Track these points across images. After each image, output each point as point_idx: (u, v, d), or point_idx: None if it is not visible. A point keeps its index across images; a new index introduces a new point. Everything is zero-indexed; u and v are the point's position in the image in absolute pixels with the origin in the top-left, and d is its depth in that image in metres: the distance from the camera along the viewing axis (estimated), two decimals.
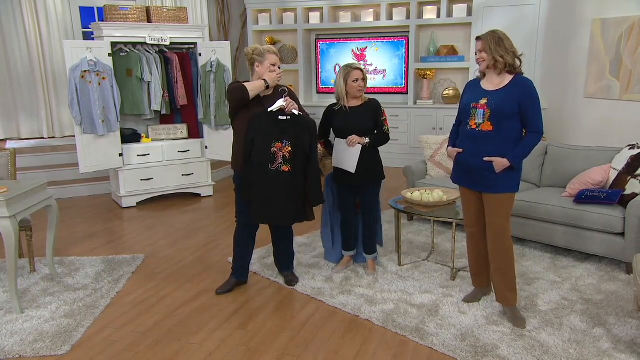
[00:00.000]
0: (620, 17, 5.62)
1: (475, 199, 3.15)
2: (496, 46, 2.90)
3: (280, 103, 3.30)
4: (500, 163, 2.92)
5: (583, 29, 6.07)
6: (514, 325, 3.06)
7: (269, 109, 3.29)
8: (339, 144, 3.64)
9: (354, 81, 3.56)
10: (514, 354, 2.77)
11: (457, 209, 3.84)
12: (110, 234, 4.95)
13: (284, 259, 3.78)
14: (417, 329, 3.05)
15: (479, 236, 3.23)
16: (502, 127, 2.92)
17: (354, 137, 3.53)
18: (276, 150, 3.32)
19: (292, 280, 3.71)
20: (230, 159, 3.59)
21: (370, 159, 3.63)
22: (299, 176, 3.38)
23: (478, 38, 2.99)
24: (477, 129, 2.97)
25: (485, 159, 2.95)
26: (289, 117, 3.32)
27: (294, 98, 3.48)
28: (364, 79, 3.58)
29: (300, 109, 3.45)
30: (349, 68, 3.59)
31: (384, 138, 3.65)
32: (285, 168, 3.33)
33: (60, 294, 3.60)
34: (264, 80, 3.34)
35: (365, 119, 3.60)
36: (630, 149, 4.03)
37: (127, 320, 3.26)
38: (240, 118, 3.39)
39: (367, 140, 3.55)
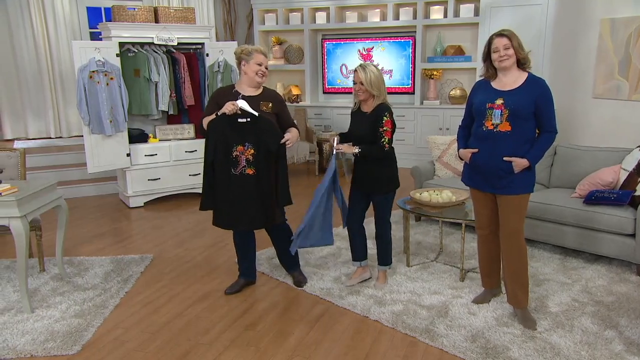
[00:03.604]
0: (629, 17, 5.59)
1: (488, 201, 3.12)
2: (521, 45, 2.90)
3: (240, 103, 3.22)
4: (520, 163, 2.90)
5: (591, 29, 6.04)
6: (525, 327, 3.04)
7: (224, 112, 3.22)
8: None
9: (354, 83, 3.39)
10: (525, 356, 2.76)
11: (466, 210, 3.82)
12: (118, 233, 4.96)
13: (287, 259, 3.75)
14: (427, 330, 3.04)
15: (491, 238, 3.21)
16: (520, 127, 2.90)
17: (342, 146, 3.38)
18: (238, 153, 3.26)
19: (300, 280, 3.70)
20: None
21: (379, 168, 3.41)
22: (265, 178, 3.31)
23: (501, 35, 2.90)
24: (494, 130, 2.94)
25: (505, 158, 2.92)
26: (248, 119, 3.24)
27: (277, 100, 3.46)
28: (362, 83, 3.30)
29: (279, 109, 3.45)
30: (355, 68, 3.40)
31: (377, 151, 3.33)
32: (250, 171, 3.28)
33: (70, 294, 3.61)
34: (216, 113, 3.28)
35: (368, 127, 3.36)
36: None
37: (136, 320, 3.26)
38: None
39: (356, 150, 3.34)
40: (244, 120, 3.24)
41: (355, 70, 3.35)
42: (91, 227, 5.13)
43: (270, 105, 3.40)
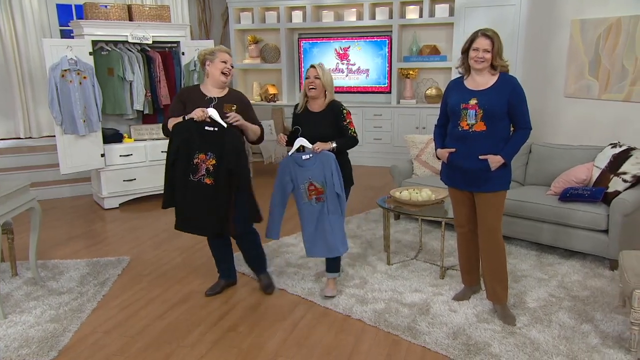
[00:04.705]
0: (598, 18, 5.73)
1: (466, 199, 3.17)
2: (501, 50, 2.92)
3: (210, 111, 3.15)
4: (495, 160, 2.94)
5: (562, 30, 6.17)
6: (505, 323, 3.09)
7: (192, 118, 3.15)
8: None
9: (307, 78, 3.42)
10: (505, 352, 2.81)
11: (445, 208, 3.86)
12: (94, 236, 4.86)
13: (253, 261, 3.64)
14: (409, 328, 3.07)
15: (469, 236, 3.26)
16: (495, 126, 2.94)
17: (317, 145, 3.30)
18: (199, 161, 3.20)
19: (266, 285, 3.56)
20: None
21: (345, 164, 3.47)
22: (222, 190, 3.23)
23: (486, 35, 2.90)
24: (469, 130, 2.97)
25: (480, 157, 2.96)
26: (216, 129, 3.16)
27: (242, 102, 3.38)
28: (319, 77, 3.36)
29: (248, 114, 3.37)
30: (309, 66, 3.46)
31: (351, 141, 3.44)
32: (208, 181, 3.21)
33: (44, 298, 3.51)
34: (183, 117, 3.21)
35: (327, 126, 3.41)
36: (612, 147, 4.12)
37: (115, 324, 3.20)
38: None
39: (333, 145, 3.34)
40: (211, 129, 3.16)
41: (312, 67, 3.40)
42: (65, 229, 5.01)
43: (234, 107, 3.31)
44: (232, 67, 3.34)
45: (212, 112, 3.16)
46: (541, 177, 4.55)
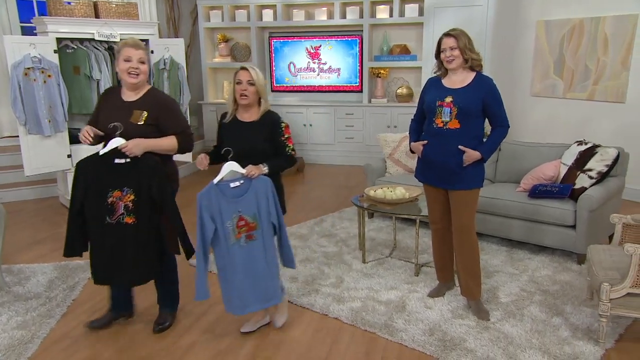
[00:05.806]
0: (562, 19, 5.90)
1: (440, 196, 3.21)
2: (469, 45, 2.97)
3: (114, 143, 2.71)
4: (472, 155, 2.99)
5: (528, 30, 6.33)
6: (479, 318, 3.15)
7: (100, 152, 2.77)
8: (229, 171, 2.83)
9: (237, 83, 2.93)
10: (480, 346, 2.85)
11: (419, 206, 3.90)
12: (60, 239, 4.65)
13: (165, 298, 3.19)
14: (386, 326, 3.09)
15: (443, 232, 3.30)
16: (468, 124, 3.00)
17: (251, 169, 2.80)
18: (115, 199, 2.76)
19: (161, 322, 3.10)
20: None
21: (279, 185, 3.02)
22: (147, 228, 2.81)
23: (449, 35, 2.99)
24: (444, 127, 3.02)
25: (460, 147, 2.99)
26: (128, 160, 2.74)
27: (157, 107, 2.86)
28: (253, 83, 2.90)
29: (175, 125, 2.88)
30: (238, 68, 2.98)
31: (286, 162, 2.99)
32: (129, 220, 2.78)
33: (10, 304, 3.39)
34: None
35: (261, 138, 2.94)
36: (578, 145, 4.23)
37: (86, 329, 3.11)
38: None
39: (265, 169, 2.85)
40: (122, 161, 2.74)
41: (244, 69, 2.93)
42: (30, 232, 4.85)
43: (144, 115, 2.80)
44: (143, 63, 2.79)
45: (118, 143, 2.70)
46: (511, 174, 4.64)
